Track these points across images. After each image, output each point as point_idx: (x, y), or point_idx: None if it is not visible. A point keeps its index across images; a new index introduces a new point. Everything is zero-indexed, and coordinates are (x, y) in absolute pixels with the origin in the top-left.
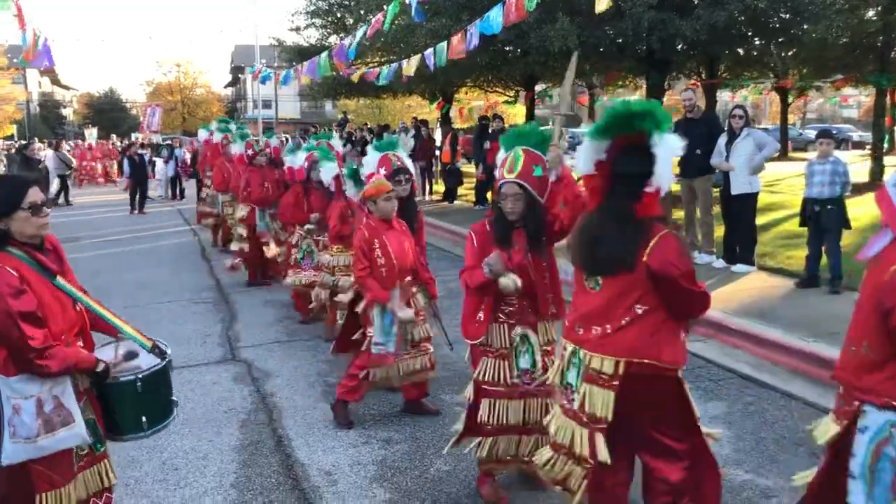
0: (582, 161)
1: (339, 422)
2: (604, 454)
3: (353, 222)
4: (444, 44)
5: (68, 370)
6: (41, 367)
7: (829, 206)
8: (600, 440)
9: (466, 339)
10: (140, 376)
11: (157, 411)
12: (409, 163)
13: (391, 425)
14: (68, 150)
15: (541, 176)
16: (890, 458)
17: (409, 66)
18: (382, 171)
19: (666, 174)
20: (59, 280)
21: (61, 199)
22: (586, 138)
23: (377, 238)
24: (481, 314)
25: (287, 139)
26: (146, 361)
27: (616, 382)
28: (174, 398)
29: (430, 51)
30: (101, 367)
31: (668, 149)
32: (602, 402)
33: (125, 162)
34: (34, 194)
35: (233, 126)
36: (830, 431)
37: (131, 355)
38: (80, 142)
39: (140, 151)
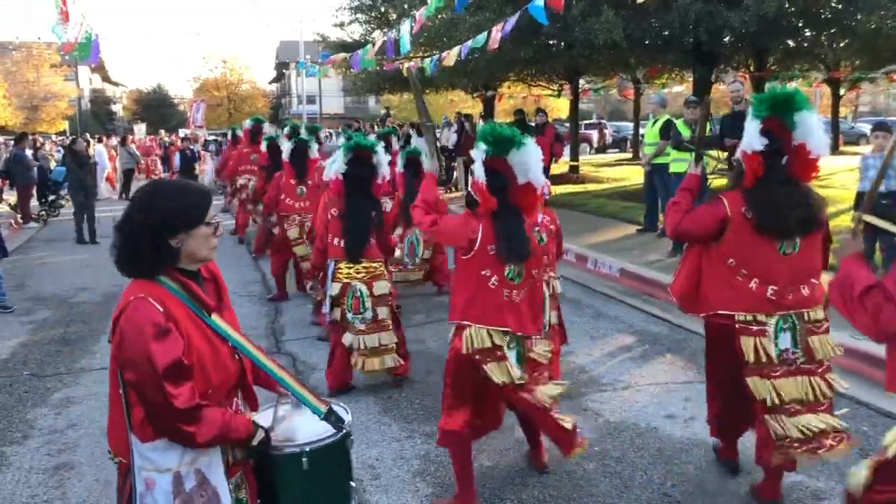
0: (749, 140)
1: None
2: (839, 385)
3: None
4: (484, 34)
5: (218, 440)
6: (185, 435)
7: (883, 201)
8: (834, 376)
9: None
10: (308, 449)
11: (327, 498)
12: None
13: (435, 420)
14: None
15: None
16: None
17: (451, 57)
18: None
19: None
20: (215, 318)
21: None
22: (753, 122)
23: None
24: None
25: (330, 134)
26: (316, 431)
27: (826, 325)
28: (353, 483)
29: (468, 42)
30: (259, 437)
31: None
32: (821, 346)
33: (177, 156)
34: (213, 207)
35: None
36: None
37: (292, 421)
38: (143, 137)
39: (192, 147)
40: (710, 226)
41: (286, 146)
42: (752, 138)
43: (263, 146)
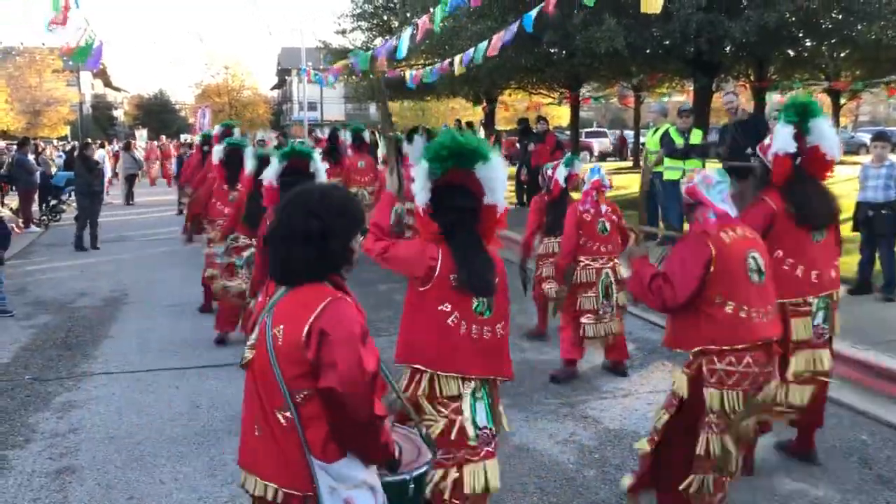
0: (781, 143)
1: None
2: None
3: None
4: (485, 43)
5: (386, 455)
6: (374, 447)
7: (883, 211)
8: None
9: None
10: (412, 475)
11: None
12: None
13: None
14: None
15: None
16: None
17: (460, 66)
18: None
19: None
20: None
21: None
22: (785, 127)
23: None
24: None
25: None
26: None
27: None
28: None
29: (471, 50)
30: (398, 452)
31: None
32: (836, 322)
33: (173, 161)
34: None
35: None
36: None
37: None
38: (154, 142)
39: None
40: (762, 223)
41: (217, 150)
42: (787, 142)
43: (216, 157)
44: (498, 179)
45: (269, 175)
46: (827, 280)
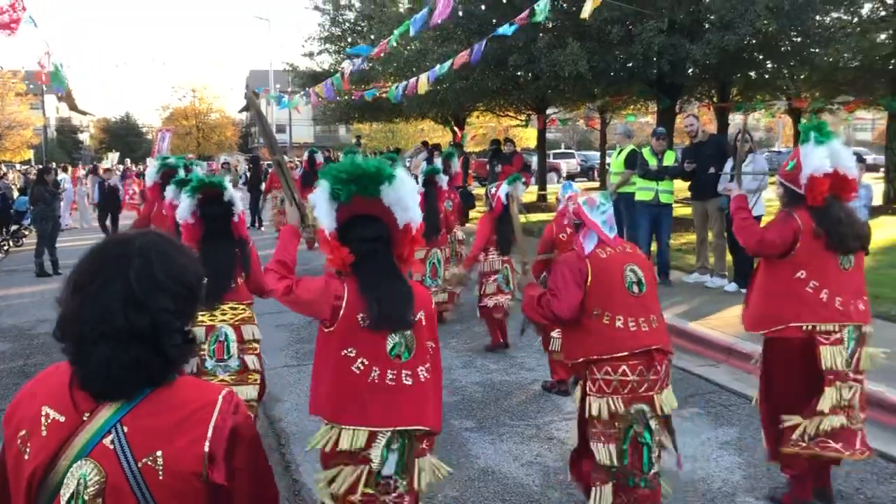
0: (818, 163)
1: None
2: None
3: None
4: (449, 62)
5: None
6: None
7: None
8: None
9: None
10: None
11: None
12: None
13: None
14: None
15: None
16: None
17: (422, 85)
18: None
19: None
20: None
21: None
22: (818, 148)
23: None
24: None
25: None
26: None
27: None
28: None
29: (436, 67)
30: None
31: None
32: (865, 358)
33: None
34: None
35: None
36: None
37: None
38: (132, 166)
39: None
40: (788, 238)
41: (150, 172)
42: (823, 162)
43: (149, 179)
44: (408, 196)
45: (183, 213)
46: (854, 311)
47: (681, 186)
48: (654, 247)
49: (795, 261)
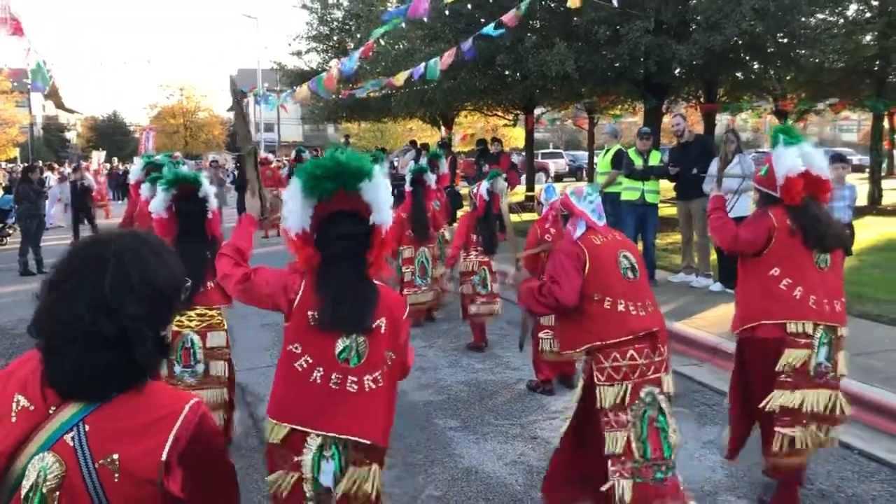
0: (790, 164)
1: None
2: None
3: None
4: (436, 60)
5: None
6: None
7: (847, 231)
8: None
9: None
10: None
11: None
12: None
13: None
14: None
15: None
16: None
17: (399, 77)
18: None
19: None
20: None
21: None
22: (788, 149)
23: None
24: None
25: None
26: None
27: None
28: None
29: (422, 65)
30: None
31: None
32: (845, 362)
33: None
34: None
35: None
36: None
37: None
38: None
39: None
40: (763, 235)
41: (134, 170)
42: (795, 162)
43: (133, 177)
44: (383, 196)
45: (157, 206)
46: (829, 311)
47: (667, 186)
48: (639, 246)
49: (769, 258)
